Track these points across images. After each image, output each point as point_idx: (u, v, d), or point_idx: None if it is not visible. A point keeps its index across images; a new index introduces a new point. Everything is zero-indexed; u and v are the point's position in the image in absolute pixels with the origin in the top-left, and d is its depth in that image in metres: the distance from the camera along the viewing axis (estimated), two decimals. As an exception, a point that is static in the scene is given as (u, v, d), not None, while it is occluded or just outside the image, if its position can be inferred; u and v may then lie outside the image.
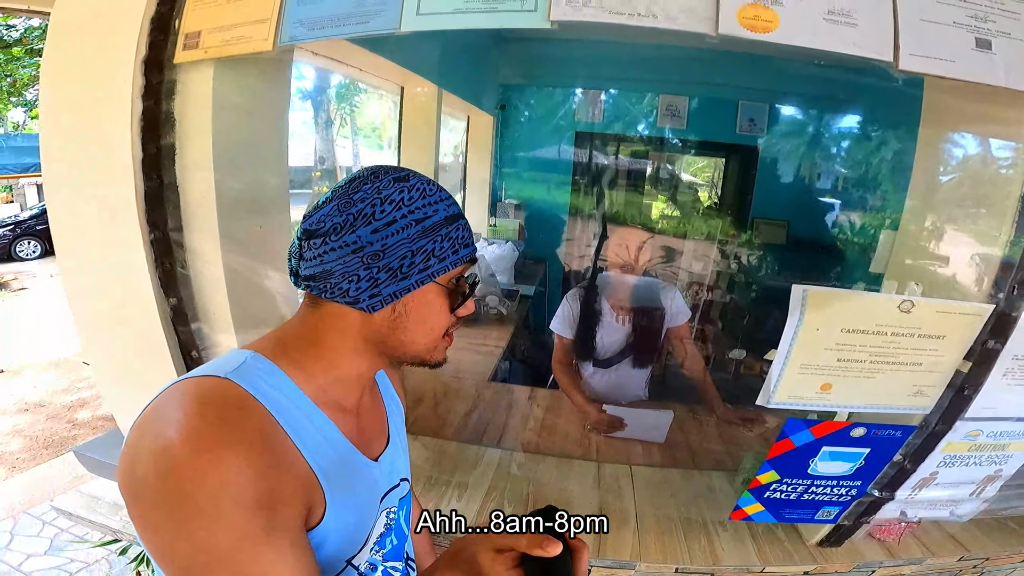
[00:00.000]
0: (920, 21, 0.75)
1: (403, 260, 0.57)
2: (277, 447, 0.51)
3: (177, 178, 1.05)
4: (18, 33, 5.57)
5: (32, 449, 3.49)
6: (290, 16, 1.00)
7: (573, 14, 0.86)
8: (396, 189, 0.57)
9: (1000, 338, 1.00)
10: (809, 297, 0.97)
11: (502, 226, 3.65)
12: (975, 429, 1.14)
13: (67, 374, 4.61)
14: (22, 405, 4.07)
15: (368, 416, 0.69)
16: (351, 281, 0.56)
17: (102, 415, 3.92)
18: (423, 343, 0.62)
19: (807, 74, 2.69)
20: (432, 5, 0.92)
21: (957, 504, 1.28)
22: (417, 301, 0.59)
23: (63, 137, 1.06)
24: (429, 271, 0.58)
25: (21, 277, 8.00)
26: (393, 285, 0.57)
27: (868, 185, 3.26)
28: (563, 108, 3.63)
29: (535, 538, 0.50)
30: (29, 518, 2.72)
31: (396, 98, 2.74)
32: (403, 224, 0.56)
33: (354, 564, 0.62)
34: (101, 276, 1.14)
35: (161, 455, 0.46)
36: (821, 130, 3.40)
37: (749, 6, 0.76)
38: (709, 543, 1.32)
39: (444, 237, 0.59)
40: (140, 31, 0.99)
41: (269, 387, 0.54)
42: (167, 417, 0.48)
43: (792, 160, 3.45)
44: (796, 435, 1.12)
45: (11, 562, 2.43)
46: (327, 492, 0.55)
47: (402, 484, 0.73)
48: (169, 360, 1.15)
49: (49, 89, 1.05)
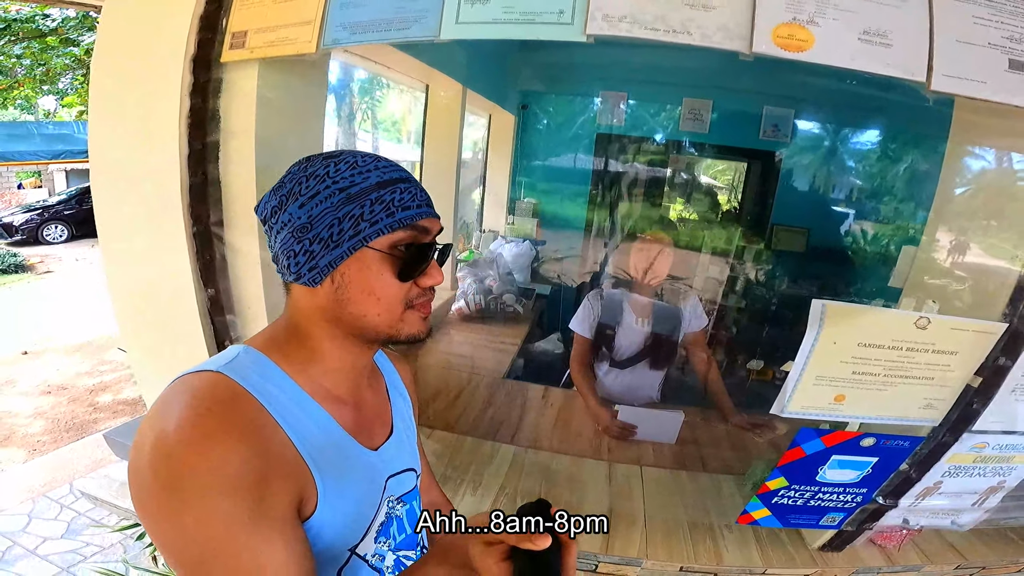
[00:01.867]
0: (955, 42, 0.74)
1: (331, 229, 0.55)
2: (266, 436, 0.51)
3: (220, 174, 1.06)
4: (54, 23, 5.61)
5: (53, 432, 3.47)
6: (333, 19, 1.00)
7: (609, 29, 0.85)
8: (322, 165, 0.57)
9: (1011, 355, 1.00)
10: (828, 311, 0.96)
11: (519, 224, 3.61)
12: (981, 441, 1.13)
13: (90, 357, 4.62)
14: (45, 387, 4.07)
15: (368, 407, 0.68)
16: (290, 257, 0.57)
17: (123, 399, 3.92)
18: (376, 315, 0.58)
19: (834, 83, 2.61)
20: (471, 14, 0.92)
21: (959, 513, 1.27)
22: (354, 269, 0.57)
23: (111, 130, 1.07)
24: (360, 235, 0.55)
25: (47, 260, 8.04)
26: (327, 255, 0.56)
27: (890, 197, 3.16)
28: (585, 110, 3.56)
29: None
30: (48, 501, 2.69)
31: (417, 93, 2.72)
32: (326, 194, 0.56)
33: (359, 553, 0.61)
34: (142, 265, 1.14)
35: (155, 449, 0.47)
36: (845, 139, 3.29)
37: (784, 25, 0.76)
38: (714, 544, 1.32)
39: (375, 201, 0.56)
40: (189, 29, 0.99)
41: (260, 378, 0.54)
42: (163, 412, 0.49)
43: (814, 168, 3.33)
44: (807, 444, 1.12)
45: (27, 545, 2.40)
46: (319, 481, 0.54)
47: (406, 474, 0.71)
48: (204, 348, 1.15)
49: (99, 82, 1.05)
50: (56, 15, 5.66)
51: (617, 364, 1.80)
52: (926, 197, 1.11)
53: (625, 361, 1.79)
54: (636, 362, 1.78)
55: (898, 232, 3.00)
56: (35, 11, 5.60)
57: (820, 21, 0.75)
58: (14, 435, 3.42)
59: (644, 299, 1.77)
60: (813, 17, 0.74)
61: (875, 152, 3.22)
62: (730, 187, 4.03)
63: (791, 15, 0.74)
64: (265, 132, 1.08)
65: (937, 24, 0.74)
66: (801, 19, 0.74)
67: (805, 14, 0.74)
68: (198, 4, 1.01)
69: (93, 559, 2.31)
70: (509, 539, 0.48)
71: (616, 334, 1.78)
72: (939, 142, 1.08)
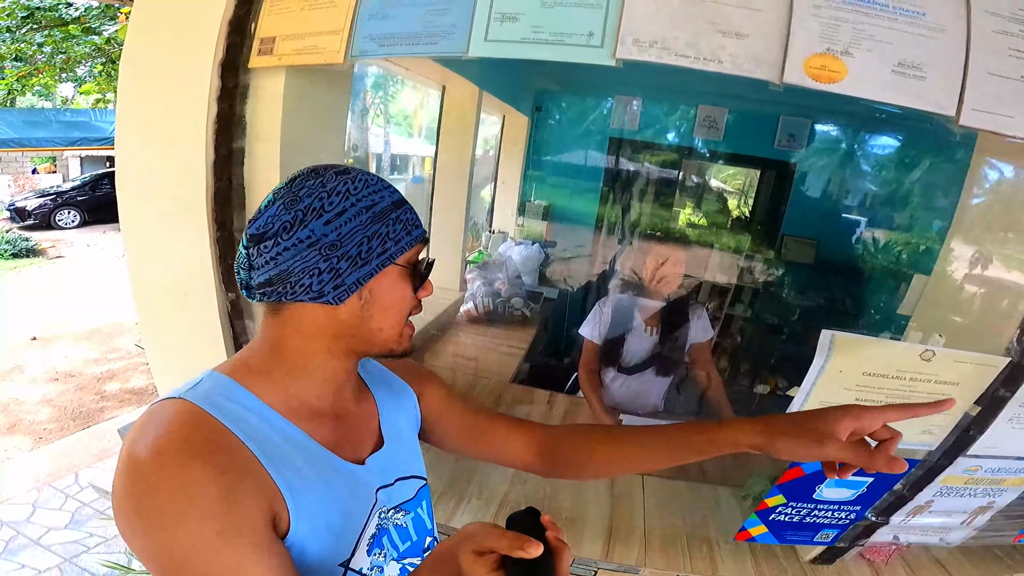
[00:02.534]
0: (988, 75, 0.71)
1: (360, 247, 0.55)
2: (229, 455, 0.50)
3: (245, 180, 1.03)
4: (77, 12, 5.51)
5: (60, 420, 3.40)
6: (362, 30, 0.97)
7: (638, 54, 0.83)
8: (340, 181, 0.55)
9: (1011, 388, 0.99)
10: (836, 342, 0.95)
11: (529, 227, 3.54)
12: (975, 464, 1.13)
13: (99, 344, 4.54)
14: (53, 374, 3.99)
15: (351, 420, 0.65)
16: (312, 275, 0.54)
17: (131, 388, 3.86)
18: (391, 330, 0.60)
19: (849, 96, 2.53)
20: (500, 33, 0.90)
21: (947, 531, 1.27)
22: (381, 286, 0.58)
23: (138, 132, 1.05)
24: (387, 253, 0.57)
25: (59, 245, 7.93)
26: (355, 272, 0.55)
27: (904, 213, 3.04)
28: (598, 114, 3.48)
29: (516, 539, 0.47)
30: (52, 491, 2.64)
31: (430, 91, 2.68)
32: (353, 212, 0.55)
33: (353, 568, 0.59)
34: (165, 267, 1.12)
35: (123, 474, 0.48)
36: (861, 152, 3.17)
37: (817, 56, 0.74)
38: (710, 554, 1.31)
39: (395, 220, 0.58)
40: (219, 33, 0.96)
41: (224, 400, 0.53)
42: (133, 438, 0.50)
43: (828, 179, 3.22)
44: (807, 463, 1.11)
45: (31, 535, 2.35)
46: (288, 496, 0.52)
47: (402, 483, 0.68)
48: (223, 350, 1.13)
49: (127, 84, 1.03)
50: (79, 4, 5.56)
51: (625, 371, 1.78)
52: (940, 214, 1.09)
53: (632, 368, 1.77)
54: (643, 369, 1.76)
55: (909, 249, 2.89)
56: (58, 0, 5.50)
57: (855, 52, 0.72)
58: (21, 422, 3.36)
59: (653, 307, 1.74)
60: (848, 48, 0.72)
61: (890, 166, 3.11)
62: (740, 192, 3.95)
63: (826, 45, 0.72)
64: (290, 138, 1.05)
65: (972, 56, 0.71)
66: (835, 50, 0.72)
67: (840, 45, 0.72)
68: (228, 8, 0.98)
69: (96, 550, 2.27)
70: (501, 547, 0.47)
71: (625, 341, 1.75)
72: (954, 158, 1.05)
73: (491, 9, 0.86)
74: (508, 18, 0.85)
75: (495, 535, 0.48)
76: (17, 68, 6.00)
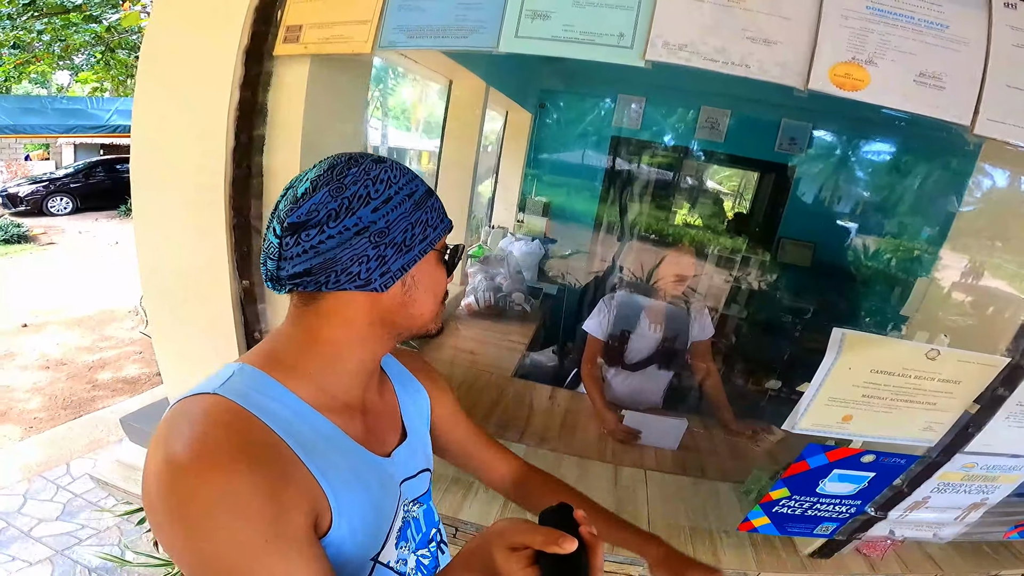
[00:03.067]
0: (1006, 87, 0.73)
1: (405, 233, 0.55)
2: (273, 456, 0.49)
3: (264, 167, 1.01)
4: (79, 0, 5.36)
5: (51, 409, 3.29)
6: (391, 21, 0.96)
7: (668, 56, 0.83)
8: (380, 170, 0.55)
9: (1010, 387, 1.02)
10: (847, 340, 0.97)
11: (529, 223, 3.52)
12: (971, 461, 1.16)
13: (90, 332, 4.44)
14: (44, 362, 3.87)
15: (376, 412, 0.65)
16: (360, 263, 0.53)
17: (123, 377, 3.77)
18: (430, 312, 0.61)
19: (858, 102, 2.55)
20: (531, 29, 0.89)
21: (941, 527, 1.30)
22: (422, 271, 0.58)
23: (157, 116, 1.02)
24: (428, 240, 0.58)
25: (51, 232, 7.73)
26: (400, 259, 0.56)
27: (902, 217, 3.06)
28: (601, 113, 3.48)
29: (550, 535, 0.47)
30: (44, 481, 2.54)
31: (431, 84, 2.65)
32: (399, 200, 0.55)
33: (382, 562, 0.59)
34: (178, 253, 1.09)
35: (161, 475, 0.46)
36: (861, 156, 3.18)
37: (842, 64, 0.75)
38: (712, 547, 1.33)
39: (431, 208, 0.59)
40: (245, 20, 0.94)
41: (260, 396, 0.51)
42: (166, 438, 0.48)
43: (827, 183, 3.23)
44: (812, 458, 1.13)
45: (22, 526, 2.26)
46: (330, 495, 0.52)
47: (420, 475, 0.69)
48: (234, 337, 1.11)
49: (148, 68, 1.00)
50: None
51: (628, 367, 1.79)
52: (937, 219, 1.11)
53: (635, 365, 1.77)
54: (646, 366, 1.77)
55: (906, 253, 2.92)
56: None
57: (879, 61, 0.73)
58: (11, 411, 3.26)
59: (659, 305, 1.75)
60: (872, 57, 0.73)
61: (887, 171, 3.13)
62: (737, 193, 3.97)
63: (851, 54, 0.73)
64: (310, 127, 1.04)
65: (991, 68, 0.73)
66: (860, 59, 0.73)
67: (865, 54, 0.73)
68: (254, -5, 0.95)
69: (89, 542, 2.20)
70: (535, 543, 0.47)
71: (629, 338, 1.76)
72: (953, 166, 1.08)
73: (523, 5, 0.85)
74: (539, 15, 0.85)
75: (529, 531, 0.48)
76: (15, 55, 5.82)
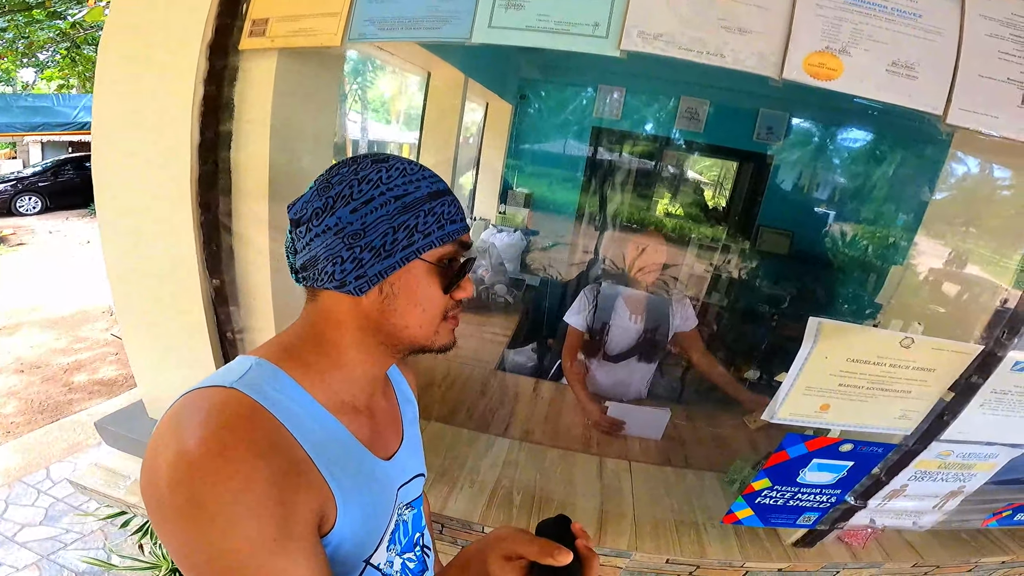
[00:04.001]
0: (978, 76, 0.73)
1: (385, 237, 0.53)
2: (287, 454, 0.49)
3: (232, 163, 0.99)
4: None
5: (27, 413, 3.24)
6: (361, 12, 0.94)
7: (644, 46, 0.83)
8: (374, 170, 0.54)
9: (984, 374, 1.04)
10: (823, 329, 0.98)
11: (511, 214, 3.54)
12: (947, 449, 1.18)
13: (65, 334, 4.34)
14: (18, 365, 3.80)
15: (382, 416, 0.66)
16: (335, 263, 0.53)
17: (99, 379, 3.70)
18: (418, 327, 0.57)
19: (833, 91, 2.62)
20: (505, 19, 0.88)
21: (920, 515, 1.33)
22: (405, 280, 0.55)
23: (118, 113, 0.98)
24: (413, 247, 0.54)
25: (20, 232, 7.52)
26: (378, 264, 0.53)
27: (878, 205, 3.13)
28: (581, 103, 3.50)
29: (546, 546, 0.47)
30: (24, 486, 2.53)
31: (409, 76, 2.63)
32: (381, 201, 0.53)
33: (373, 564, 0.59)
34: (145, 252, 1.06)
35: (173, 468, 0.44)
36: (838, 145, 3.25)
37: (816, 54, 0.75)
38: (698, 538, 1.35)
39: (427, 212, 0.54)
40: (208, 14, 0.91)
41: (276, 393, 0.51)
42: (177, 430, 0.46)
43: (804, 172, 3.31)
44: (792, 448, 1.15)
45: (6, 532, 2.25)
46: (338, 497, 0.52)
47: (414, 480, 0.70)
48: (206, 336, 1.09)
49: (108, 62, 0.97)
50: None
51: (609, 359, 1.79)
52: (914, 207, 1.13)
53: (616, 356, 1.78)
54: (627, 357, 1.78)
55: (882, 240, 2.99)
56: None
57: (852, 51, 0.74)
58: (-14, 416, 3.19)
59: (639, 296, 1.76)
60: (846, 47, 0.73)
61: (863, 159, 3.20)
62: (716, 183, 4.03)
63: (825, 43, 0.73)
64: (279, 122, 1.01)
65: (963, 57, 0.73)
66: (834, 48, 0.73)
67: (839, 43, 0.73)
68: (217, -14, 0.93)
69: (74, 546, 2.19)
70: (530, 554, 0.47)
71: (609, 329, 1.76)
72: (927, 154, 1.10)
73: (495, -5, 0.85)
74: (513, 5, 0.83)
75: (525, 541, 0.49)
76: (-23, 54, 5.61)
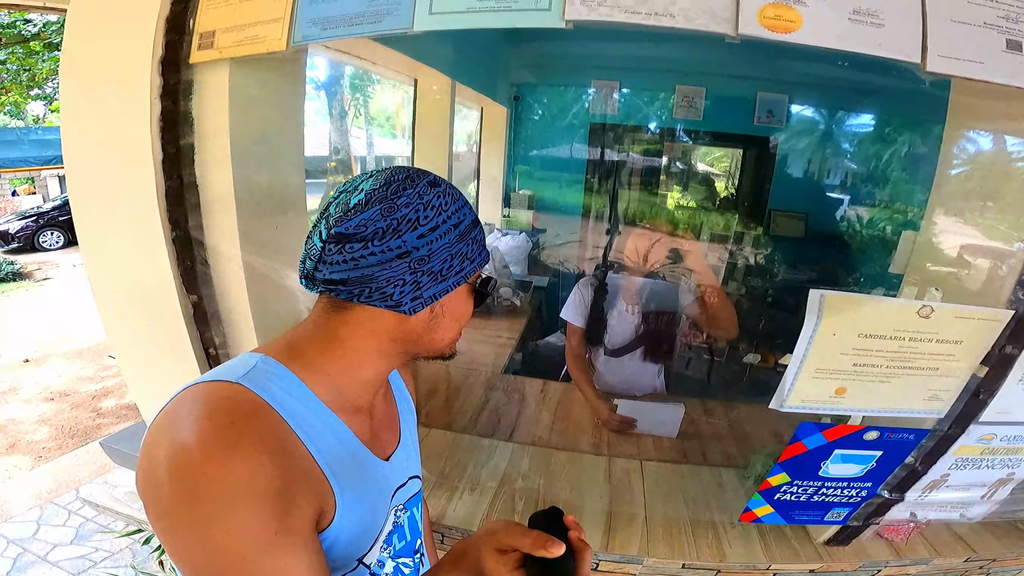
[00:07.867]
0: (950, 22, 0.72)
1: (444, 264, 0.58)
2: (289, 450, 0.51)
3: (197, 176, 1.05)
4: (36, 28, 5.59)
5: (58, 438, 3.53)
6: (303, 15, 0.97)
7: (588, 14, 0.83)
8: (434, 195, 0.57)
9: (1018, 343, 0.97)
10: (827, 301, 0.94)
11: (515, 216, 3.63)
12: (989, 433, 1.11)
13: (91, 363, 4.67)
14: (47, 394, 4.13)
15: (381, 417, 0.69)
16: (396, 285, 0.56)
17: (127, 404, 3.97)
18: (451, 339, 0.65)
19: (828, 67, 2.61)
20: (445, 4, 0.90)
21: (968, 506, 1.26)
22: (451, 300, 0.61)
23: (83, 135, 1.06)
24: (464, 272, 0.60)
25: (45, 267, 8.13)
26: (433, 287, 0.58)
27: (889, 180, 3.17)
28: (578, 100, 3.59)
29: (538, 538, 0.49)
30: (55, 508, 2.74)
31: (407, 88, 2.71)
32: (444, 229, 0.57)
33: (365, 563, 0.62)
34: (125, 274, 1.13)
35: (174, 460, 0.46)
36: (840, 123, 3.31)
37: (770, 6, 0.73)
38: (716, 540, 1.31)
39: (473, 240, 0.61)
40: (156, 31, 0.97)
41: (280, 390, 0.54)
42: (180, 422, 0.49)
43: (811, 153, 3.38)
44: (808, 438, 1.10)
45: (37, 551, 2.45)
46: (338, 494, 0.55)
47: (411, 482, 0.73)
48: (192, 355, 1.15)
49: (69, 89, 1.04)
50: (37, 20, 5.63)
51: (612, 352, 1.78)
52: (924, 179, 1.09)
53: (618, 350, 1.77)
54: (629, 350, 1.76)
55: (896, 215, 3.01)
56: (15, 16, 5.57)
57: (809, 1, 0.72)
58: (19, 442, 3.49)
59: (634, 285, 1.74)
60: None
61: (871, 135, 3.24)
62: (727, 173, 4.03)
63: (776, -6, 0.72)
64: (240, 132, 1.06)
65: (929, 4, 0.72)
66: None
67: (791, -7, 0.71)
68: (163, 6, 0.99)
69: (103, 564, 2.37)
70: (523, 546, 0.49)
71: (607, 321, 1.75)
72: (935, 124, 1.06)
73: (434, -20, 0.87)
74: (452, -12, 0.86)
75: (518, 533, 0.51)
76: (-17, 88, 6.10)
